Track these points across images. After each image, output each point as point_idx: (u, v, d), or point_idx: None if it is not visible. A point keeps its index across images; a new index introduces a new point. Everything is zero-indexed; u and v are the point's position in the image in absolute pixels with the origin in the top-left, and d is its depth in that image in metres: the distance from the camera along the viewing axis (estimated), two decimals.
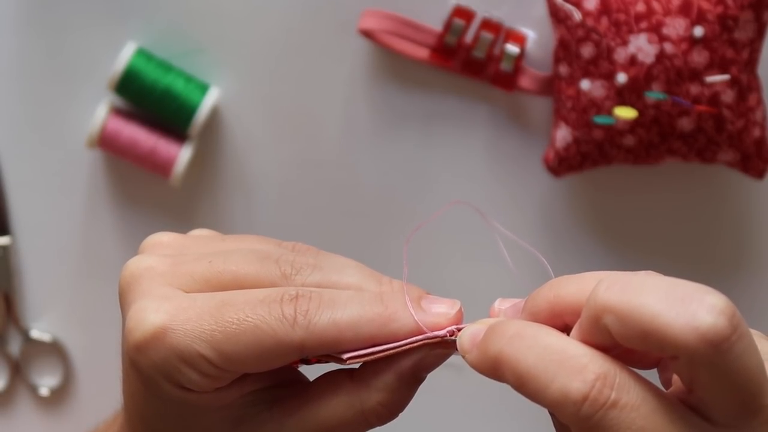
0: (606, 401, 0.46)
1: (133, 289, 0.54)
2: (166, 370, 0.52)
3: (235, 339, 0.52)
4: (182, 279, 0.54)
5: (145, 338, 0.52)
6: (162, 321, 0.52)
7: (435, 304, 0.54)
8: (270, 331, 0.52)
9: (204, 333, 0.52)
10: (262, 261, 0.54)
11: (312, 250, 0.57)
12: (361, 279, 0.55)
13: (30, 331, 0.91)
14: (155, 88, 0.85)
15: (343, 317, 0.52)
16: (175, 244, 0.57)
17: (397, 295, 0.54)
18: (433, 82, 0.86)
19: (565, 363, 0.47)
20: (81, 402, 0.92)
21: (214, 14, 0.86)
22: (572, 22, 0.80)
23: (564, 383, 0.46)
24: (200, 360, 0.52)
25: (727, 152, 0.81)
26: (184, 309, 0.52)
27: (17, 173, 0.90)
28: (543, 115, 0.86)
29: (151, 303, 0.53)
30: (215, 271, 0.54)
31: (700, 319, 0.45)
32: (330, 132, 0.88)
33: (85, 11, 0.87)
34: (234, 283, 0.54)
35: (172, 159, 0.86)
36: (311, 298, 0.52)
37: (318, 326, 0.52)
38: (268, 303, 0.52)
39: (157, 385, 0.53)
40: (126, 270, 0.55)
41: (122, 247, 0.90)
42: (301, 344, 0.52)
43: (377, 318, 0.52)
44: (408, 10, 0.85)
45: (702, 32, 0.78)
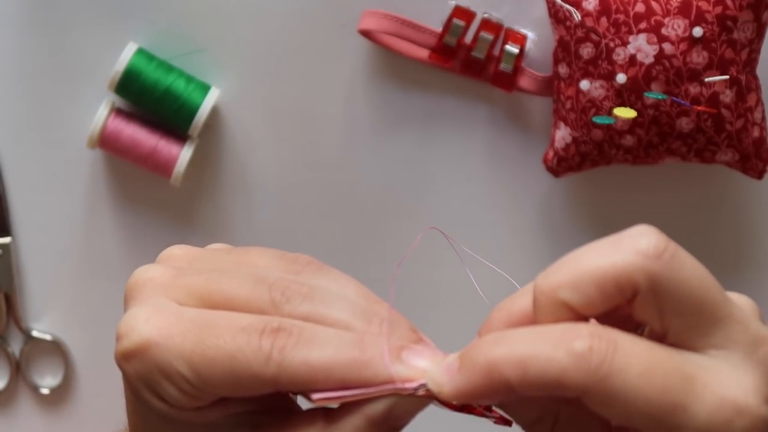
0: (609, 348, 0.47)
1: (134, 295, 0.55)
2: (148, 382, 0.53)
3: (211, 363, 0.52)
4: (179, 292, 0.55)
5: (132, 348, 0.53)
6: (148, 334, 0.53)
7: (416, 358, 0.53)
8: (245, 362, 0.52)
9: (184, 352, 0.52)
10: (255, 285, 0.54)
11: (312, 267, 0.56)
12: (350, 316, 0.54)
13: (31, 331, 0.91)
14: (156, 88, 0.85)
15: (317, 358, 0.52)
16: (186, 257, 0.58)
17: (380, 339, 0.53)
18: (433, 82, 0.86)
19: (558, 334, 0.48)
20: (81, 401, 0.92)
21: (215, 15, 0.87)
22: (572, 23, 0.80)
23: (567, 346, 0.47)
24: (179, 378, 0.52)
25: (726, 152, 0.82)
26: (171, 325, 0.53)
27: (17, 173, 0.90)
28: (543, 115, 0.86)
29: (144, 313, 0.54)
30: (209, 288, 0.54)
31: (637, 244, 0.49)
32: (330, 132, 0.88)
33: (86, 11, 0.87)
34: (225, 303, 0.54)
35: (173, 159, 0.86)
36: (291, 332, 0.52)
37: (291, 365, 0.52)
38: (249, 332, 0.52)
39: (140, 393, 0.54)
40: (132, 277, 0.56)
41: (123, 247, 0.90)
42: (273, 379, 0.52)
43: (351, 363, 0.52)
44: (408, 10, 0.85)
45: (701, 33, 0.78)
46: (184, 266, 0.57)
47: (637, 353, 0.48)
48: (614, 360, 0.47)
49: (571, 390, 0.48)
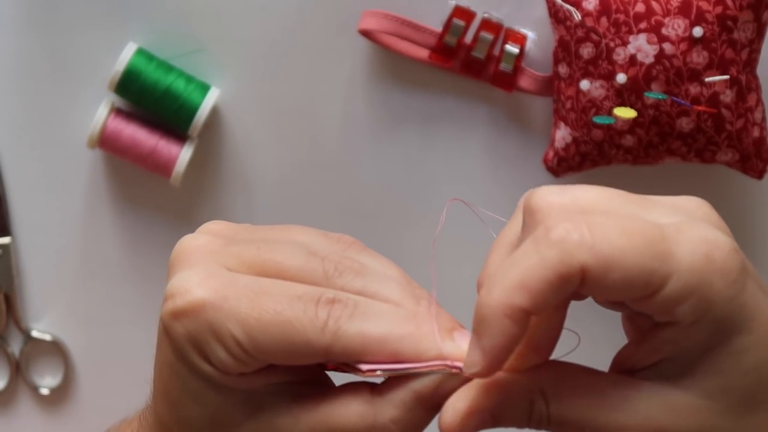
0: (585, 229, 0.50)
1: (182, 261, 0.56)
2: (198, 342, 0.53)
3: (266, 328, 0.52)
4: (230, 259, 0.55)
5: (185, 307, 0.53)
6: (204, 294, 0.53)
7: (465, 339, 0.54)
8: (300, 329, 0.52)
9: (240, 316, 0.53)
10: (308, 257, 0.55)
11: (357, 247, 0.57)
12: (401, 296, 0.55)
13: (30, 331, 0.91)
14: (156, 88, 0.85)
15: (372, 330, 0.53)
16: (227, 231, 0.58)
17: (430, 319, 0.54)
18: (433, 82, 0.86)
19: (528, 245, 0.50)
20: (81, 401, 0.92)
21: (215, 15, 0.87)
22: (572, 23, 0.80)
23: (545, 246, 0.49)
24: (231, 340, 0.53)
25: (726, 152, 0.82)
26: (225, 287, 0.53)
27: (17, 173, 0.90)
28: (543, 115, 0.86)
29: (197, 276, 0.54)
30: (262, 258, 0.55)
31: (558, 238, 0.50)
32: (330, 132, 0.88)
33: (86, 12, 0.87)
34: (277, 273, 0.55)
35: (173, 159, 0.86)
36: (347, 305, 0.53)
37: (347, 334, 0.53)
38: (305, 301, 0.53)
39: (186, 355, 0.54)
40: (179, 244, 0.57)
41: (123, 247, 0.90)
42: (327, 348, 0.53)
43: (405, 336, 0.53)
44: (408, 10, 0.85)
45: (701, 32, 0.78)
46: (230, 236, 0.57)
47: (612, 221, 0.49)
48: (594, 233, 0.49)
49: (574, 276, 0.49)
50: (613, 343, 0.94)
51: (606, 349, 0.92)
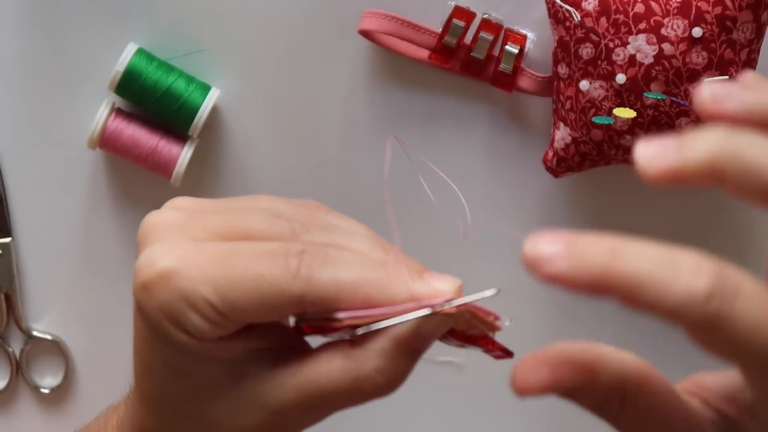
0: (731, 294, 0.47)
1: (148, 237, 0.56)
2: (170, 312, 0.54)
3: (238, 286, 0.53)
4: (195, 230, 0.56)
5: (152, 278, 0.54)
6: (170, 263, 0.54)
7: (435, 279, 0.54)
8: (272, 280, 0.53)
9: (209, 278, 0.53)
10: (274, 219, 0.56)
11: (322, 209, 0.58)
12: (369, 247, 0.56)
13: (31, 331, 0.91)
14: (156, 88, 0.86)
15: (344, 276, 0.53)
16: (193, 206, 0.59)
17: (400, 264, 0.54)
18: (433, 82, 0.87)
19: (681, 265, 0.46)
20: (82, 401, 0.92)
21: (215, 15, 0.87)
22: (571, 23, 0.80)
23: (687, 281, 0.46)
24: (204, 304, 0.53)
25: None
26: (192, 254, 0.54)
27: (17, 173, 0.90)
28: (542, 115, 0.87)
29: (162, 247, 0.54)
30: (227, 225, 0.55)
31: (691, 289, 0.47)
32: (330, 132, 0.88)
33: (86, 12, 0.87)
34: (244, 237, 0.55)
35: (173, 159, 0.86)
36: (316, 254, 0.53)
37: (319, 281, 0.53)
38: (274, 255, 0.53)
39: (161, 327, 0.54)
40: (144, 222, 0.57)
41: (123, 247, 0.90)
42: (300, 296, 0.53)
43: (377, 281, 0.53)
44: (408, 10, 0.85)
45: (701, 33, 0.79)
46: (195, 210, 0.57)
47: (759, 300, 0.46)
48: (734, 306, 0.46)
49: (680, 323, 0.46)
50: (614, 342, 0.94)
51: None
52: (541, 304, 0.90)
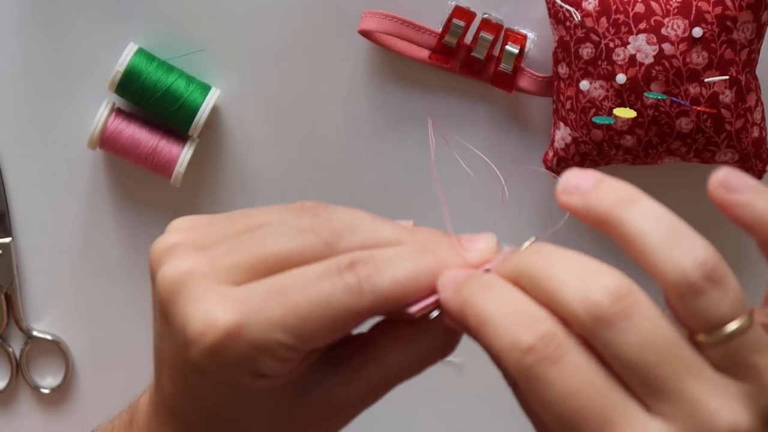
0: (549, 356, 0.48)
1: (183, 295, 0.53)
2: (246, 364, 0.52)
3: (308, 319, 0.52)
4: (229, 274, 0.53)
5: (221, 338, 0.52)
6: (233, 318, 0.52)
7: (475, 242, 0.55)
8: (340, 304, 0.52)
9: (276, 320, 0.52)
10: (300, 235, 0.54)
11: (323, 207, 0.57)
12: (395, 233, 0.55)
13: (31, 331, 0.91)
14: (156, 88, 0.86)
15: (402, 274, 0.53)
16: (197, 237, 0.56)
17: (434, 241, 0.55)
18: (433, 82, 0.86)
19: (522, 316, 0.49)
20: (82, 401, 0.92)
21: (215, 15, 0.87)
22: (571, 23, 0.80)
23: (516, 332, 0.49)
24: (278, 347, 0.52)
25: (725, 152, 0.82)
26: (247, 302, 0.52)
27: (17, 173, 0.90)
28: (543, 115, 0.87)
29: (212, 304, 0.52)
30: (258, 257, 0.53)
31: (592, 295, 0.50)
32: (330, 132, 0.88)
33: (87, 12, 0.87)
34: (280, 264, 0.53)
35: (173, 159, 0.86)
36: (366, 262, 0.53)
37: (383, 288, 0.52)
38: (329, 276, 0.52)
39: (232, 380, 0.53)
40: (164, 279, 0.54)
41: (123, 247, 0.90)
42: (371, 308, 0.53)
43: (431, 267, 0.53)
44: (408, 10, 0.85)
45: (701, 33, 0.79)
46: (202, 244, 0.55)
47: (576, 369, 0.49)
48: (548, 368, 0.48)
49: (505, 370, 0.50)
50: None
51: None
52: None
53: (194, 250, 0.54)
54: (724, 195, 0.51)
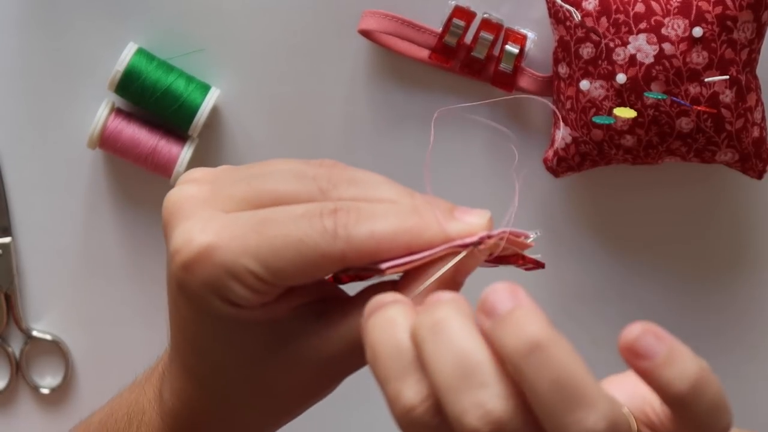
0: (428, 424, 0.50)
1: (176, 215, 0.56)
2: (215, 287, 0.54)
3: (279, 253, 0.53)
4: (224, 202, 0.56)
5: (193, 256, 0.54)
6: (209, 239, 0.54)
7: (466, 215, 0.56)
8: (312, 244, 0.53)
9: (249, 248, 0.53)
10: (299, 179, 0.56)
11: (340, 165, 0.58)
12: (395, 194, 0.56)
13: (31, 331, 0.91)
14: (156, 88, 0.85)
15: (380, 228, 0.54)
16: (210, 177, 0.59)
17: (430, 207, 0.55)
18: (433, 82, 0.86)
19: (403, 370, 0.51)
20: (82, 401, 0.92)
21: (215, 15, 0.87)
22: (572, 23, 0.80)
23: (401, 387, 0.51)
24: (247, 274, 0.54)
25: (726, 152, 0.82)
26: (228, 227, 0.54)
27: (17, 173, 0.90)
28: (543, 115, 0.86)
29: (196, 224, 0.55)
30: (255, 191, 0.56)
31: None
32: (330, 132, 0.88)
33: (86, 12, 0.87)
34: (273, 201, 0.55)
35: (173, 159, 0.86)
36: (350, 210, 0.54)
37: (357, 237, 0.54)
38: (309, 217, 0.54)
39: (206, 303, 0.55)
40: (168, 200, 0.57)
41: (123, 247, 0.90)
42: (342, 255, 0.54)
43: (413, 228, 0.54)
44: (408, 10, 0.85)
45: (701, 33, 0.78)
46: (218, 179, 0.57)
47: None
48: None
49: None
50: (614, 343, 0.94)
51: (606, 350, 0.92)
52: (541, 303, 0.89)
53: (204, 182, 0.57)
54: (631, 360, 0.50)
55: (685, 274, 0.89)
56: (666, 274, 0.89)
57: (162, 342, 0.91)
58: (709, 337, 0.89)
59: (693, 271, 0.89)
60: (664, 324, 0.94)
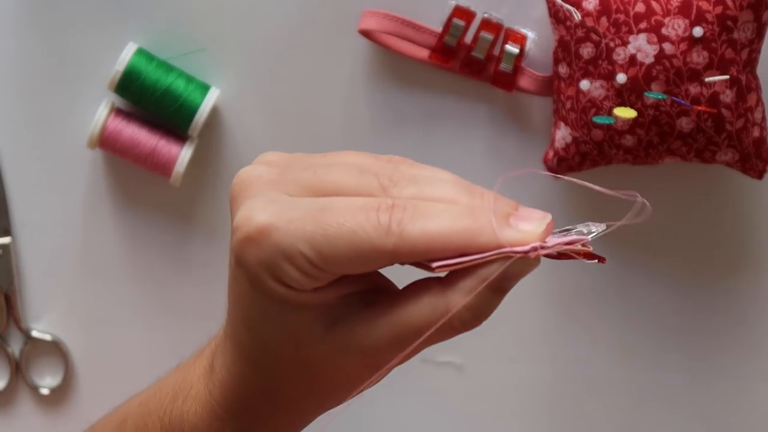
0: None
1: (243, 193, 0.58)
2: (269, 266, 0.56)
3: (333, 241, 0.55)
4: (288, 186, 0.58)
5: (252, 234, 0.56)
6: (268, 219, 0.56)
7: (522, 222, 0.56)
8: (365, 237, 0.55)
9: (305, 233, 0.55)
10: (363, 173, 0.58)
11: (408, 162, 0.60)
12: (455, 193, 0.57)
13: (30, 331, 0.91)
14: (156, 88, 0.85)
15: (434, 228, 0.55)
16: (282, 161, 0.61)
17: (487, 209, 0.56)
18: (433, 82, 0.86)
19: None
20: (81, 401, 0.92)
21: (215, 14, 0.86)
22: (572, 23, 0.80)
23: None
24: (301, 258, 0.55)
25: (726, 152, 0.82)
26: (288, 210, 0.56)
27: (17, 173, 0.90)
28: (543, 115, 0.86)
29: (259, 203, 0.57)
30: (319, 180, 0.58)
31: None
32: (330, 132, 0.88)
33: (86, 12, 0.87)
34: (336, 192, 0.57)
35: (173, 159, 0.86)
36: (406, 208, 0.55)
37: (410, 235, 0.55)
38: (366, 210, 0.55)
39: (261, 280, 0.57)
40: (237, 177, 0.59)
41: (123, 247, 0.90)
42: (393, 251, 0.55)
43: (466, 230, 0.55)
44: (408, 10, 0.85)
45: (701, 32, 0.78)
46: (289, 164, 0.60)
47: None
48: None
49: None
50: (614, 343, 0.94)
51: (606, 350, 0.92)
52: (541, 303, 0.89)
53: (275, 165, 0.60)
54: None
55: (685, 274, 0.89)
56: (666, 274, 0.89)
57: (162, 341, 0.92)
58: (709, 337, 0.89)
59: (693, 271, 0.89)
60: (664, 324, 0.94)
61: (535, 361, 0.90)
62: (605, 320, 0.90)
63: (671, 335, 0.90)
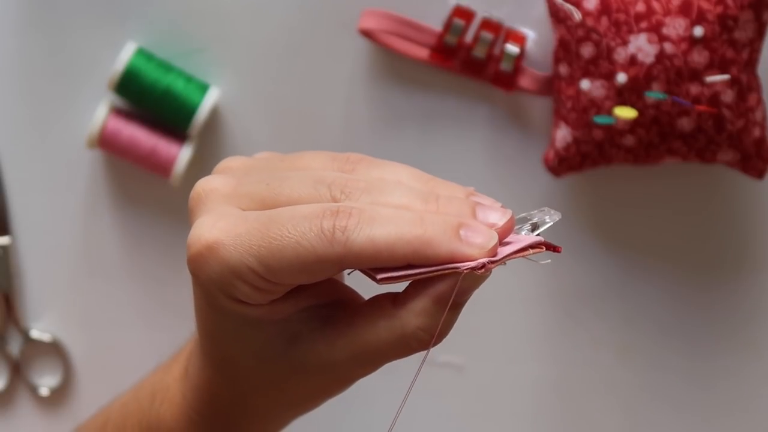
0: None
1: (197, 207, 0.58)
2: (220, 283, 0.56)
3: (278, 254, 0.54)
4: (242, 200, 0.58)
5: (201, 251, 0.56)
6: (216, 236, 0.56)
7: (473, 234, 0.55)
8: (309, 247, 0.54)
9: (252, 248, 0.55)
10: (315, 185, 0.57)
11: (365, 163, 0.59)
12: (408, 199, 0.56)
13: (30, 331, 0.91)
14: (155, 88, 0.85)
15: (380, 235, 0.54)
16: (243, 167, 0.61)
17: (438, 218, 0.55)
18: (433, 82, 0.86)
19: None
20: (81, 402, 0.92)
21: (215, 14, 0.86)
22: (572, 22, 0.80)
23: None
24: (249, 273, 0.55)
25: (726, 152, 0.81)
26: (236, 225, 0.56)
27: (17, 173, 0.90)
28: (543, 115, 0.86)
29: (209, 220, 0.57)
30: (272, 193, 0.57)
31: None
32: (330, 132, 0.88)
33: (86, 11, 0.87)
34: (288, 204, 0.57)
35: (172, 159, 0.86)
36: (351, 213, 0.54)
37: (356, 243, 0.54)
38: (310, 219, 0.55)
39: (214, 297, 0.57)
40: (194, 190, 0.59)
41: (123, 247, 0.90)
42: (339, 259, 0.54)
43: (414, 241, 0.54)
44: (408, 10, 0.85)
45: (702, 32, 0.78)
46: (243, 175, 0.60)
47: None
48: None
49: None
50: (614, 343, 0.94)
51: (606, 350, 0.92)
52: (541, 303, 0.89)
53: (230, 176, 0.60)
54: None
55: (685, 274, 0.89)
56: (666, 274, 0.89)
57: (161, 342, 0.92)
58: (709, 337, 0.89)
59: (693, 271, 0.89)
60: (664, 324, 0.94)
61: (535, 361, 0.90)
62: (605, 320, 0.90)
63: (671, 336, 0.90)
